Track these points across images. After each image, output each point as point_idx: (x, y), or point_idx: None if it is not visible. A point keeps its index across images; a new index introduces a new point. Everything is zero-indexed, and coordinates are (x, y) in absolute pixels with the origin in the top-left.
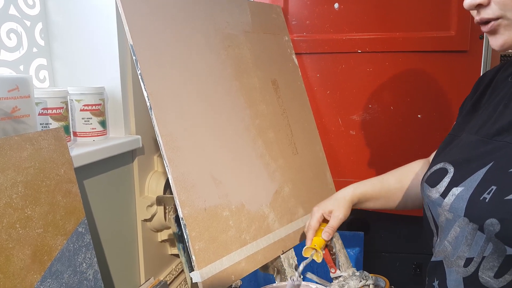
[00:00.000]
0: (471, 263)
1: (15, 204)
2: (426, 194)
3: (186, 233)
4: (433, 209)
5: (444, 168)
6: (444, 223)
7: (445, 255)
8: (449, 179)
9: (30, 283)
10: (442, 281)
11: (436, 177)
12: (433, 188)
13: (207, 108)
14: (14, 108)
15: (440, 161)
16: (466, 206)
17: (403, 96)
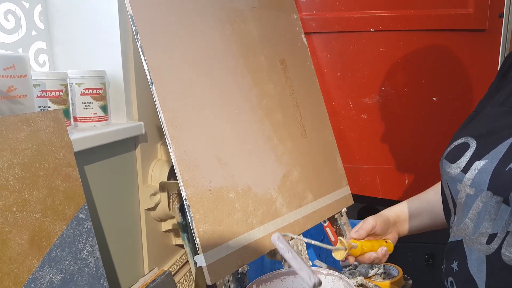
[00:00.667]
0: (494, 239)
1: (11, 187)
2: (446, 171)
3: (190, 215)
4: (452, 186)
5: (465, 143)
6: (464, 199)
7: (465, 234)
8: (471, 153)
9: (28, 268)
10: (462, 261)
11: (457, 152)
12: (453, 164)
13: (210, 85)
14: (10, 88)
15: (461, 136)
16: (490, 179)
17: (417, 77)
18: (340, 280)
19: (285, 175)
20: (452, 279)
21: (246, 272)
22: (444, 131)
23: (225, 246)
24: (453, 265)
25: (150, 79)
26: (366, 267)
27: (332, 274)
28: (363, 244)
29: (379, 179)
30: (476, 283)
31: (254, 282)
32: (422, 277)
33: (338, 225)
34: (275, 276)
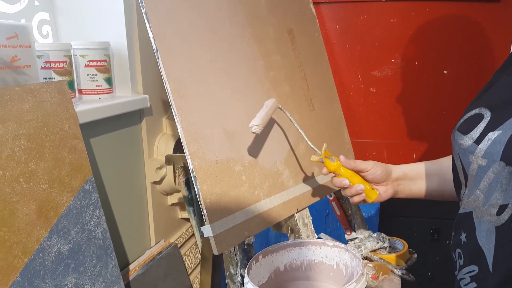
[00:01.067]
0: (505, 210)
1: (17, 158)
2: (458, 143)
3: (196, 186)
4: (464, 157)
5: (479, 114)
6: (476, 171)
7: (475, 205)
8: (485, 124)
9: (36, 238)
10: (471, 232)
11: (470, 123)
12: (466, 135)
13: (217, 55)
14: (14, 57)
15: (475, 107)
16: (504, 149)
17: (428, 50)
18: (346, 252)
19: (292, 148)
20: (460, 251)
21: (252, 243)
22: (454, 105)
23: (232, 217)
24: (462, 237)
25: (156, 47)
26: (371, 241)
27: (338, 246)
28: (345, 170)
29: (386, 154)
30: (485, 254)
31: (260, 253)
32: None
33: (344, 199)
34: (281, 247)
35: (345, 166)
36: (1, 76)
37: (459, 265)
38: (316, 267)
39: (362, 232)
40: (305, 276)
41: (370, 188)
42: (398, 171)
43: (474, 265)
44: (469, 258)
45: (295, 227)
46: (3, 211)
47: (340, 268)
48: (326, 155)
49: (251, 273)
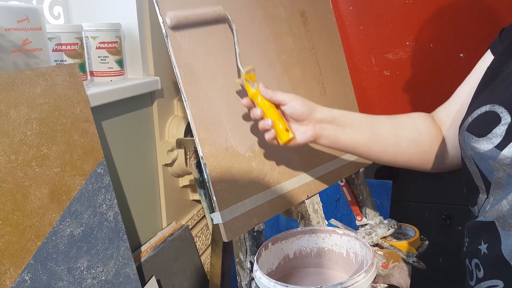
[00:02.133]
0: None
1: (30, 142)
2: (471, 146)
3: (206, 173)
4: (481, 163)
5: (493, 112)
6: (505, 179)
7: (500, 216)
8: (506, 126)
9: (49, 221)
10: (494, 244)
11: (484, 124)
12: (482, 138)
13: (228, 38)
14: (25, 41)
15: (484, 103)
16: None
17: (444, 31)
18: (356, 241)
19: None
20: (478, 261)
21: (262, 230)
22: None
23: (241, 204)
24: (481, 247)
25: (165, 32)
26: (382, 227)
27: (348, 234)
28: (262, 100)
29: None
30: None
31: (270, 240)
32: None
33: (355, 185)
34: (290, 234)
35: (262, 95)
36: (12, 59)
37: (477, 277)
38: (326, 254)
39: (373, 218)
40: (314, 264)
41: (284, 128)
42: (325, 113)
43: (498, 279)
44: (491, 271)
45: (305, 213)
46: (16, 195)
47: (350, 256)
48: (247, 78)
49: (260, 260)
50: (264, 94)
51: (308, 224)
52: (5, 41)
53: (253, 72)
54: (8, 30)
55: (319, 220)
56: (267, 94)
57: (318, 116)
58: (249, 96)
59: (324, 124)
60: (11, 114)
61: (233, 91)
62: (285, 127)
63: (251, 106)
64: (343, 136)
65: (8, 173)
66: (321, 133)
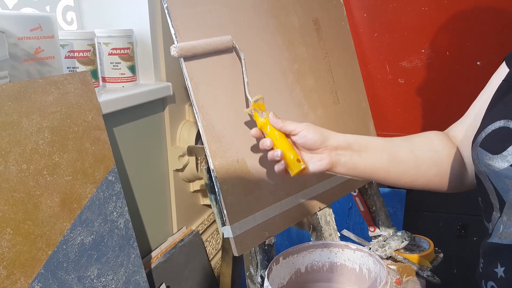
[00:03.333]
0: None
1: (41, 150)
2: (485, 162)
3: (217, 186)
4: (497, 181)
5: (508, 129)
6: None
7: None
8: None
9: (60, 230)
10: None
11: (498, 140)
12: (497, 155)
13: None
14: (38, 49)
15: (498, 118)
16: None
17: (461, 39)
18: (369, 257)
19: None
20: (494, 284)
21: (273, 243)
22: None
23: (252, 217)
24: (498, 270)
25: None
26: (395, 239)
27: (362, 250)
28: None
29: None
30: None
31: (281, 254)
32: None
33: (368, 195)
34: (302, 248)
35: (272, 125)
36: (25, 68)
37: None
38: (338, 269)
39: (386, 229)
40: (326, 278)
41: (294, 159)
42: (339, 139)
43: None
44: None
45: (317, 225)
46: (27, 204)
47: (363, 272)
48: (256, 107)
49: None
50: (274, 124)
51: (320, 236)
52: (18, 50)
53: (262, 101)
54: (21, 39)
55: (331, 232)
56: (277, 123)
57: (332, 143)
58: (258, 126)
59: (339, 151)
60: (23, 123)
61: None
62: (296, 157)
63: (260, 137)
64: (361, 162)
65: (19, 182)
66: (338, 160)
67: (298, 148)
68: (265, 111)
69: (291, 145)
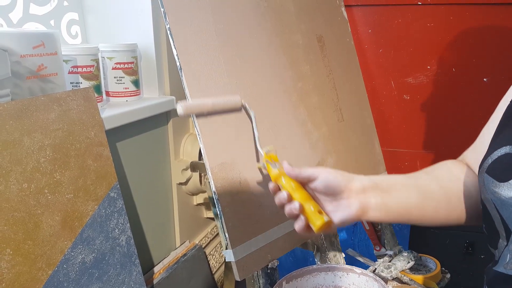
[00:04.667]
0: None
1: (43, 169)
2: (491, 190)
3: (219, 209)
4: (503, 209)
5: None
6: None
7: None
8: None
9: (61, 249)
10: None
11: (504, 167)
12: (503, 183)
13: (242, 68)
14: (40, 66)
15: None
16: None
17: (467, 56)
18: (374, 282)
19: (319, 163)
20: None
21: (276, 267)
22: None
23: (255, 240)
24: None
25: (179, 65)
26: (401, 260)
27: (367, 274)
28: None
29: (420, 165)
30: None
31: (284, 278)
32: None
33: None
34: (306, 272)
35: (287, 174)
36: (27, 85)
37: None
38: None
39: (392, 248)
40: None
41: (315, 210)
42: (364, 180)
43: None
44: None
45: (322, 246)
46: (28, 224)
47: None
48: (268, 158)
49: None
50: (290, 173)
51: (325, 257)
52: (20, 67)
53: (273, 152)
54: (24, 56)
55: (335, 253)
56: (293, 172)
57: (358, 185)
58: (272, 180)
59: (368, 193)
60: (24, 141)
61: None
62: (317, 208)
63: (277, 191)
64: (393, 202)
65: (20, 201)
66: (368, 203)
67: (319, 199)
68: (278, 162)
69: (310, 197)
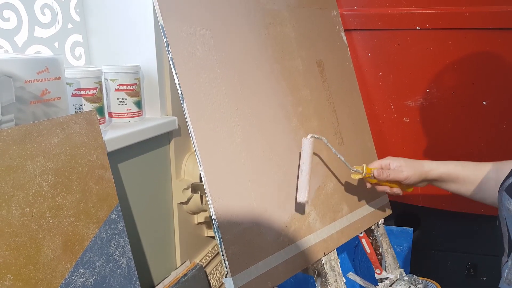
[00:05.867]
0: None
1: (45, 193)
2: (506, 207)
3: (219, 237)
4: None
5: None
6: None
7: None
8: None
9: (61, 273)
10: None
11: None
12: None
13: (244, 95)
14: (44, 91)
15: None
16: None
17: (466, 79)
18: None
19: (320, 188)
20: None
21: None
22: (493, 138)
23: (255, 268)
24: None
25: (181, 93)
26: (402, 284)
27: None
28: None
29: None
30: None
31: None
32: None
33: (375, 236)
34: None
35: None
36: (31, 110)
37: None
38: None
39: (393, 272)
40: None
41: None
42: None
43: None
44: None
45: (322, 271)
46: (29, 248)
47: None
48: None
49: None
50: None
51: (325, 282)
52: (24, 93)
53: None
54: (28, 82)
55: (336, 278)
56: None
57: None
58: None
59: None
60: (27, 166)
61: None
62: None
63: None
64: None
65: (21, 226)
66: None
67: None
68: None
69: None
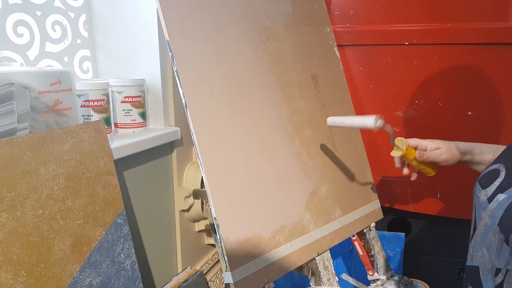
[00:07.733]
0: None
1: (56, 196)
2: (476, 195)
3: (219, 233)
4: (477, 211)
5: (497, 170)
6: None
7: (482, 262)
8: (499, 183)
9: (70, 272)
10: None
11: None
12: (483, 190)
13: (243, 105)
14: (56, 102)
15: (497, 161)
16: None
17: (452, 91)
18: None
19: (314, 191)
20: None
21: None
22: None
23: (252, 263)
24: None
25: (185, 103)
26: (393, 284)
27: None
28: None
29: (410, 193)
30: None
31: None
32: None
33: (367, 239)
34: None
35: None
36: (44, 119)
37: None
38: None
39: (385, 273)
40: None
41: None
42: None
43: None
44: None
45: (316, 270)
46: (41, 247)
47: None
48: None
49: None
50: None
51: (319, 281)
52: (38, 103)
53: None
54: (42, 93)
55: (329, 277)
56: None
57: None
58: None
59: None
60: (40, 171)
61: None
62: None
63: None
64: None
65: (34, 227)
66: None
67: None
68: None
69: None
